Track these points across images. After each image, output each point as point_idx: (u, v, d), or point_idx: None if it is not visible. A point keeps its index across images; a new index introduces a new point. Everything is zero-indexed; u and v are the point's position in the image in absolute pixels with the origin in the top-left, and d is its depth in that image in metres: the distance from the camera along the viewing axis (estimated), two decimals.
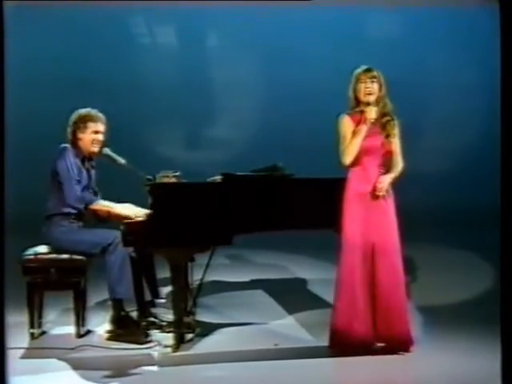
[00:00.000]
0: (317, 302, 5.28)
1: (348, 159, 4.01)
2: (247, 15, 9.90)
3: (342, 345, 4.04)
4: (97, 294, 4.86)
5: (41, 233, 4.40)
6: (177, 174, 4.69)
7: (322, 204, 4.14)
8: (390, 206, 4.10)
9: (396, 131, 4.14)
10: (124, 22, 9.81)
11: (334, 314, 4.08)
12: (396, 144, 4.15)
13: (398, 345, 4.06)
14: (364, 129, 4.01)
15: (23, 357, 4.03)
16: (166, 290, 4.82)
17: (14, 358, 3.91)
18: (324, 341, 4.17)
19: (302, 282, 6.10)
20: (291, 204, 4.15)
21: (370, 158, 4.05)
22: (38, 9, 9.09)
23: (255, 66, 10.22)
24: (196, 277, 4.65)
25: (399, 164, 4.15)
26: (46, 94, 9.43)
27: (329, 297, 4.60)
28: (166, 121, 9.92)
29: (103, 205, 4.36)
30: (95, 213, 4.40)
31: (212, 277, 5.01)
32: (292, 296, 5.58)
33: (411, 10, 9.62)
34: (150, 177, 4.61)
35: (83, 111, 4.51)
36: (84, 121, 4.45)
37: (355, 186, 4.03)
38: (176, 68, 9.91)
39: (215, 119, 10.26)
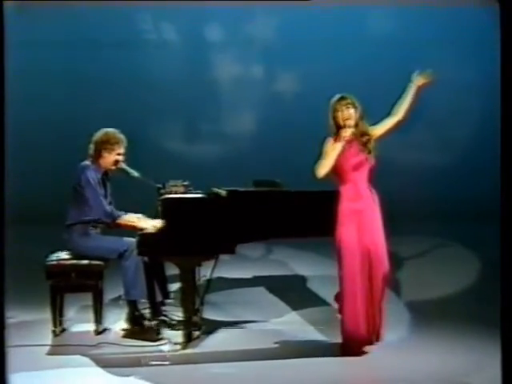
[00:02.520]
0: (319, 300, 5.62)
1: (321, 172, 4.41)
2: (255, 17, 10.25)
3: (351, 345, 4.43)
4: (110, 292, 5.20)
5: (63, 239, 4.85)
6: (185, 183, 5.14)
7: (318, 214, 4.56)
8: (378, 215, 4.51)
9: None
10: (125, 20, 9.88)
11: (342, 318, 4.47)
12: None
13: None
14: (339, 146, 4.42)
15: (48, 353, 4.45)
16: (174, 286, 5.21)
17: (39, 354, 4.40)
18: (328, 339, 4.59)
19: (305, 279, 6.43)
20: (289, 215, 4.57)
21: (357, 173, 4.46)
22: (38, 9, 9.25)
23: (258, 65, 10.54)
24: (202, 272, 5.04)
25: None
26: (46, 94, 9.65)
27: (330, 294, 4.97)
28: (167, 117, 10.19)
29: (129, 220, 4.77)
30: (120, 225, 4.80)
31: (215, 273, 5.24)
32: (294, 293, 5.93)
33: (411, 9, 9.68)
34: (160, 185, 5.07)
35: (111, 132, 4.89)
36: (112, 143, 4.84)
37: (347, 202, 4.45)
38: (178, 65, 10.07)
39: (218, 116, 10.58)
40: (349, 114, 4.46)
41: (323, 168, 4.42)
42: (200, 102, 10.29)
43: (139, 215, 4.85)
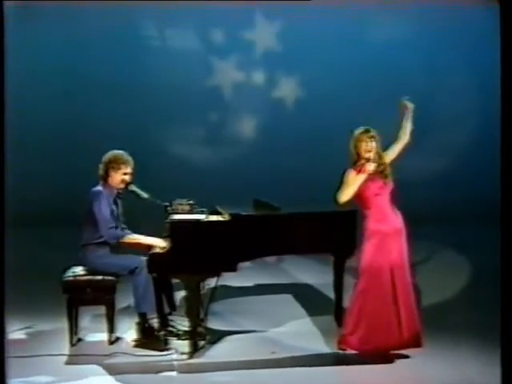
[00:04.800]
0: (320, 309, 5.88)
1: (343, 199, 4.81)
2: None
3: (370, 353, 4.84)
4: (120, 301, 5.45)
5: (77, 257, 5.25)
6: (190, 202, 5.53)
7: (310, 233, 5.02)
8: (403, 236, 4.93)
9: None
10: (125, 21, 10.26)
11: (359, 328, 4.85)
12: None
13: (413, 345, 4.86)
14: (362, 177, 4.82)
15: (67, 363, 4.82)
16: (179, 294, 5.56)
17: (58, 363, 4.79)
18: (328, 348, 4.96)
19: (305, 287, 6.79)
20: (285, 236, 4.99)
21: (380, 198, 4.88)
22: (38, 9, 9.49)
23: (261, 68, 10.84)
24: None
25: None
26: (46, 95, 10.00)
27: (331, 302, 5.34)
28: (172, 120, 10.52)
29: (132, 238, 5.16)
30: (125, 243, 5.18)
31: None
32: (295, 302, 6.25)
33: (411, 11, 9.94)
34: (167, 203, 5.46)
35: (118, 153, 5.26)
36: (118, 162, 5.20)
37: (373, 223, 4.86)
38: (181, 70, 10.42)
39: (219, 120, 10.88)
40: (371, 147, 4.86)
41: (345, 196, 4.81)
42: (202, 107, 10.63)
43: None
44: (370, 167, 4.83)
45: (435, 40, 10.33)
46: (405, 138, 4.97)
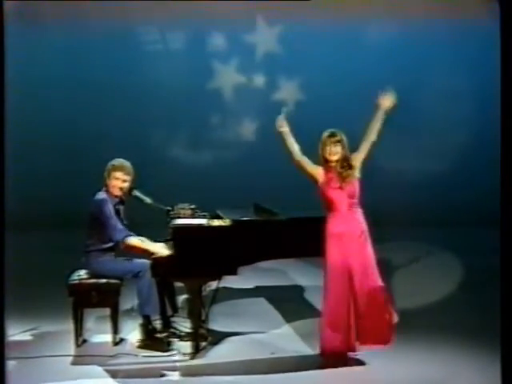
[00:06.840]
0: (319, 311, 5.79)
1: (296, 157, 5.04)
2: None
3: (330, 354, 4.96)
4: (123, 303, 5.51)
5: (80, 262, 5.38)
6: (192, 206, 5.68)
7: (307, 237, 5.13)
8: (363, 236, 5.01)
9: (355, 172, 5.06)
10: (126, 23, 10.36)
11: (321, 331, 5.02)
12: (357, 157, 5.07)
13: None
14: (319, 168, 5.02)
15: (73, 363, 4.95)
16: (181, 296, 5.70)
17: (64, 364, 4.93)
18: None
19: (303, 289, 6.89)
20: (284, 240, 5.15)
21: (337, 202, 5.00)
22: (39, 9, 9.68)
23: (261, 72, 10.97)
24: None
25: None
26: (46, 95, 10.11)
27: None
28: (173, 123, 10.65)
29: (137, 242, 5.28)
30: (129, 246, 5.29)
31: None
32: (293, 304, 6.37)
33: (411, 14, 10.04)
34: (169, 207, 5.60)
35: (118, 160, 5.39)
36: (116, 170, 5.33)
37: (332, 227, 4.99)
38: (181, 74, 10.56)
39: (220, 123, 11.02)
40: (336, 151, 4.99)
41: (298, 157, 5.07)
42: (203, 111, 10.74)
43: (143, 238, 5.36)
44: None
45: (435, 42, 10.39)
46: (372, 137, 5.01)
